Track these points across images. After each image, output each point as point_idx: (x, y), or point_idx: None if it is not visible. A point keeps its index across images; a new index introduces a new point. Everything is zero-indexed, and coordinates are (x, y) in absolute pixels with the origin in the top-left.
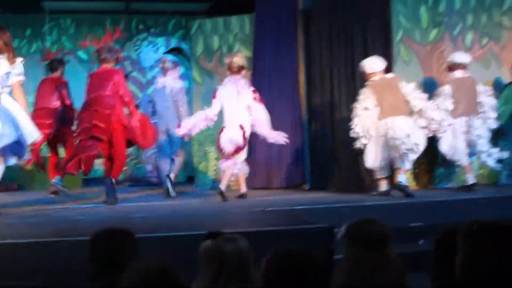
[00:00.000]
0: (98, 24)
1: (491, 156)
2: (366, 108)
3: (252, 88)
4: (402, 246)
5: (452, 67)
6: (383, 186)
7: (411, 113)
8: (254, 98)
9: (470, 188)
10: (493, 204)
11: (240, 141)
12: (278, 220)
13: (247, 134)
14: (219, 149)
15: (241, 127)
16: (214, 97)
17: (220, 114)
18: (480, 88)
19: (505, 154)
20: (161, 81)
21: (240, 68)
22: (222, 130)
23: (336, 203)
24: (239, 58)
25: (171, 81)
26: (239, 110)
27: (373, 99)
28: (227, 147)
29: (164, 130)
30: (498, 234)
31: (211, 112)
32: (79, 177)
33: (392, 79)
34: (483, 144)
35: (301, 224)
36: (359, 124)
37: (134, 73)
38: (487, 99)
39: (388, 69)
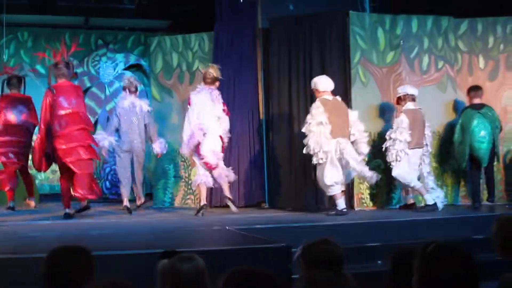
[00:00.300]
0: (57, 38)
1: (439, 198)
2: (320, 123)
3: (222, 100)
4: (359, 266)
5: (405, 98)
6: (341, 204)
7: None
8: (224, 110)
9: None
10: (448, 225)
11: (220, 152)
12: (236, 239)
13: (225, 145)
14: (204, 162)
15: (221, 138)
16: (189, 103)
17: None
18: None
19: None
20: (129, 99)
21: (214, 79)
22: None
23: (295, 222)
24: (214, 70)
25: (139, 101)
26: (213, 120)
27: (325, 116)
28: (211, 159)
29: (128, 149)
30: (453, 256)
31: (196, 120)
32: (37, 193)
33: (341, 102)
34: (432, 181)
35: (260, 243)
36: (312, 140)
37: (93, 89)
38: (429, 133)
39: (346, 90)
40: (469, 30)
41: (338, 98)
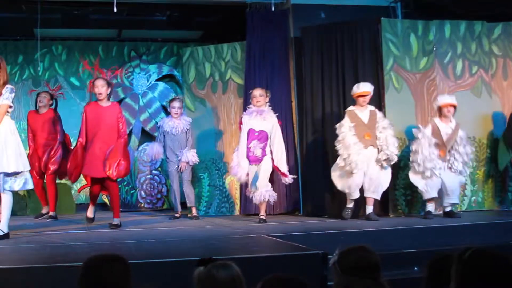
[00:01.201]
0: (90, 51)
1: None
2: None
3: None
4: (396, 273)
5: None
6: (369, 208)
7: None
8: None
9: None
10: (480, 230)
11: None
12: (271, 246)
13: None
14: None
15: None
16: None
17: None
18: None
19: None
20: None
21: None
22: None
23: (330, 229)
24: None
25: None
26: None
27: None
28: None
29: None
30: (491, 261)
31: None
32: (72, 203)
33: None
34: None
35: (296, 250)
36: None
37: (127, 100)
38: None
39: (379, 96)
40: (503, 34)
41: (371, 107)
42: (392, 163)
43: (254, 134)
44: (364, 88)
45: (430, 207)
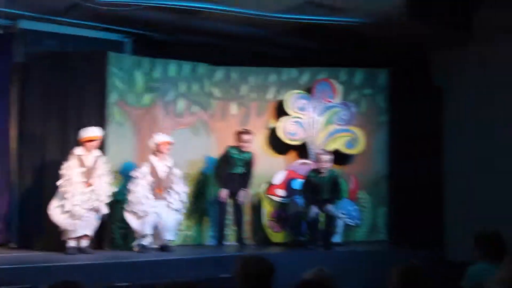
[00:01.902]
0: None
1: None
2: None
3: None
4: None
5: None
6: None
7: None
8: None
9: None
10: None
11: None
12: None
13: None
14: None
15: None
16: None
17: None
18: None
19: None
20: None
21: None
22: None
23: (43, 262)
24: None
25: None
26: None
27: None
28: None
29: None
30: None
31: None
32: None
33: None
34: None
35: (5, 284)
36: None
37: None
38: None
39: (102, 129)
40: (224, 77)
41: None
42: (103, 213)
43: None
44: (93, 133)
45: (145, 241)
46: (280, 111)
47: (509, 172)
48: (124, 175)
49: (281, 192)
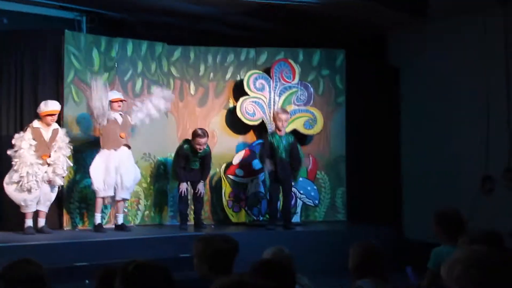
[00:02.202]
0: None
1: None
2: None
3: None
4: (69, 286)
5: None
6: (42, 221)
7: None
8: None
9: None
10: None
11: None
12: None
13: None
14: None
15: None
16: None
17: None
18: None
19: None
20: None
21: None
22: None
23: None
24: None
25: None
26: None
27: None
28: None
29: None
30: (152, 273)
31: None
32: None
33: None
34: None
35: None
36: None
37: None
38: None
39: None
40: (182, 57)
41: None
42: (58, 184)
43: None
44: (54, 106)
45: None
46: (239, 91)
47: (463, 150)
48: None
49: (240, 172)
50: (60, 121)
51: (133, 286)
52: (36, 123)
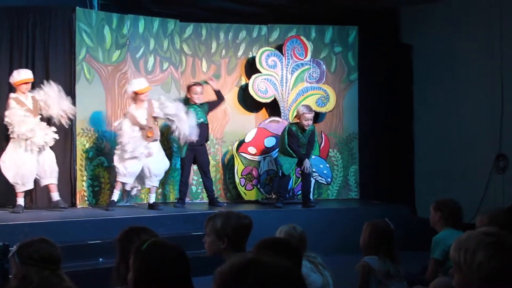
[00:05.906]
0: None
1: None
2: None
3: None
4: (82, 264)
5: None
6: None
7: None
8: None
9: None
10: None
11: None
12: None
13: None
14: None
15: None
16: None
17: None
18: None
19: None
20: None
21: None
22: None
23: (11, 221)
24: None
25: None
26: None
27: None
28: None
29: None
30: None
31: None
32: None
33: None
34: None
35: None
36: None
37: None
38: None
39: (70, 86)
40: (194, 34)
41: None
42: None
43: None
44: (27, 75)
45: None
46: (251, 69)
47: (477, 128)
48: (96, 130)
49: (252, 149)
50: (73, 98)
51: (148, 264)
52: (13, 94)
